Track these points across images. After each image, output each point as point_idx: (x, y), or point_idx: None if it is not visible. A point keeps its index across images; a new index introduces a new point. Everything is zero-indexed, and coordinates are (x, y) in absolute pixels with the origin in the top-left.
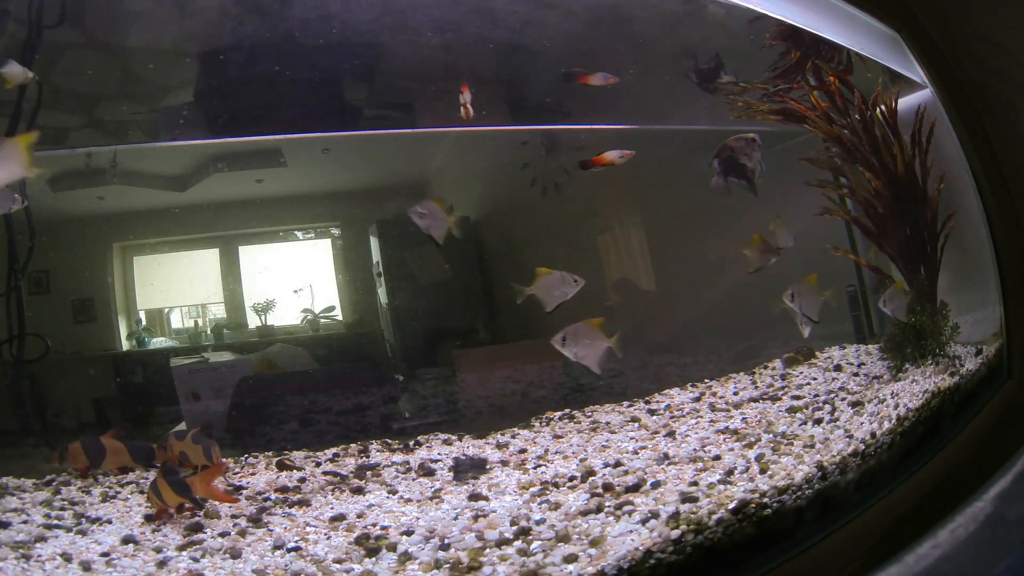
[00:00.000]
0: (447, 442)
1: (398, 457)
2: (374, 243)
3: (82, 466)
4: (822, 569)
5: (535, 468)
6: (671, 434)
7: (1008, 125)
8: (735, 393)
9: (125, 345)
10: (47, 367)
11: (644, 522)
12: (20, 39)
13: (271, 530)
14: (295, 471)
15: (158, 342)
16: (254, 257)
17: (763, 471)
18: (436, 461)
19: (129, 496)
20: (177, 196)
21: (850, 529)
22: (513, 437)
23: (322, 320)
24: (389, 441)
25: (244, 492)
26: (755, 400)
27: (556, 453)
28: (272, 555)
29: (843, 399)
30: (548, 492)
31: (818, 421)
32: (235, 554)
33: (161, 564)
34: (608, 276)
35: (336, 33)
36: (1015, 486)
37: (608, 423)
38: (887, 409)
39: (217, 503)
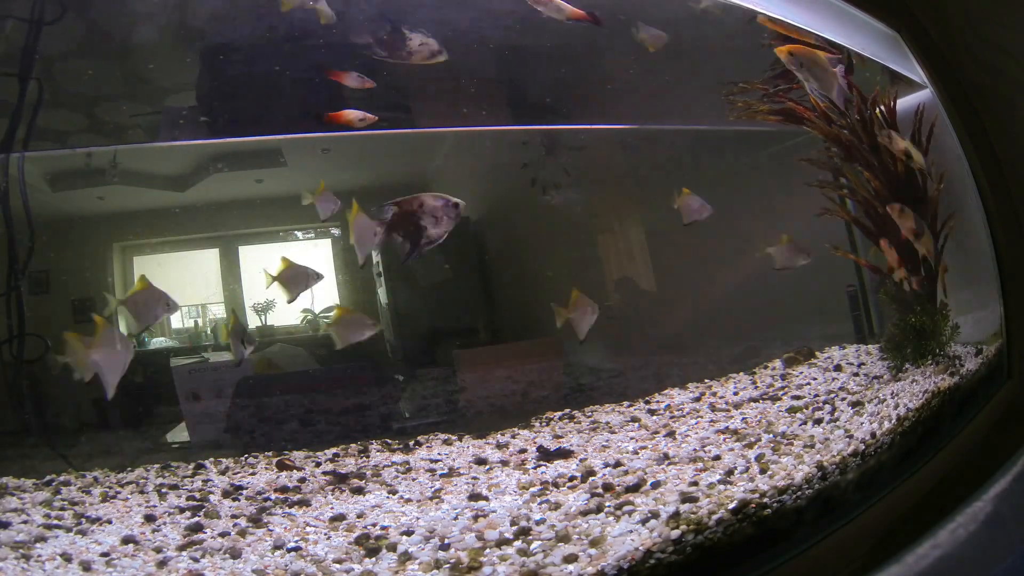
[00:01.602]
0: (447, 442)
1: (398, 457)
2: None
3: None
4: (822, 569)
5: (535, 468)
6: (671, 434)
7: (1008, 125)
8: (735, 393)
9: None
10: (47, 367)
11: (644, 522)
12: (20, 39)
13: (271, 530)
14: (295, 471)
15: (158, 342)
16: (254, 257)
17: (763, 471)
18: (436, 461)
19: (129, 496)
20: (177, 196)
21: (850, 529)
22: (513, 437)
23: (322, 320)
24: (389, 441)
25: (244, 492)
26: (755, 400)
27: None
28: (272, 555)
29: (843, 399)
30: (548, 492)
31: (818, 421)
32: (235, 554)
33: (161, 564)
34: (608, 276)
35: (336, 33)
36: (1015, 486)
37: (608, 423)
38: (887, 409)
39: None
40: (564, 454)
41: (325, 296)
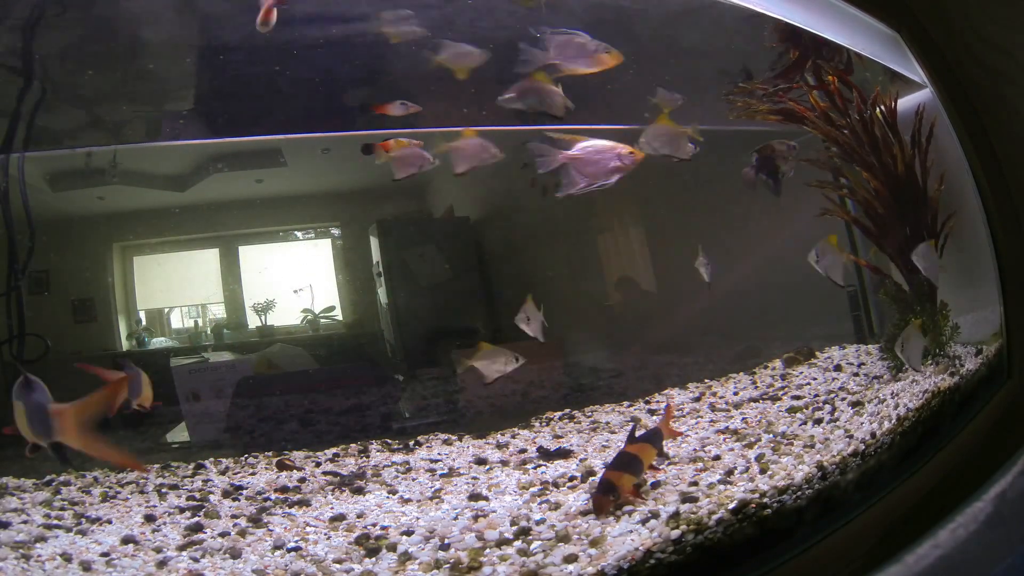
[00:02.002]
0: (447, 442)
1: (398, 457)
2: (374, 243)
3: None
4: (822, 569)
5: (535, 468)
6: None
7: (1008, 125)
8: (735, 393)
9: (125, 345)
10: (47, 367)
11: (644, 522)
12: (20, 39)
13: (271, 530)
14: (295, 471)
15: (158, 342)
16: (254, 257)
17: (763, 471)
18: (436, 461)
19: (129, 496)
20: (177, 196)
21: (850, 529)
22: (513, 437)
23: (322, 320)
24: (389, 441)
25: (244, 492)
26: (755, 400)
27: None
28: (272, 555)
29: (843, 399)
30: (548, 492)
31: (818, 421)
32: (235, 554)
33: (161, 564)
34: (608, 276)
35: (336, 33)
36: (1015, 486)
37: (608, 423)
38: (887, 409)
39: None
40: (564, 454)
41: (325, 296)
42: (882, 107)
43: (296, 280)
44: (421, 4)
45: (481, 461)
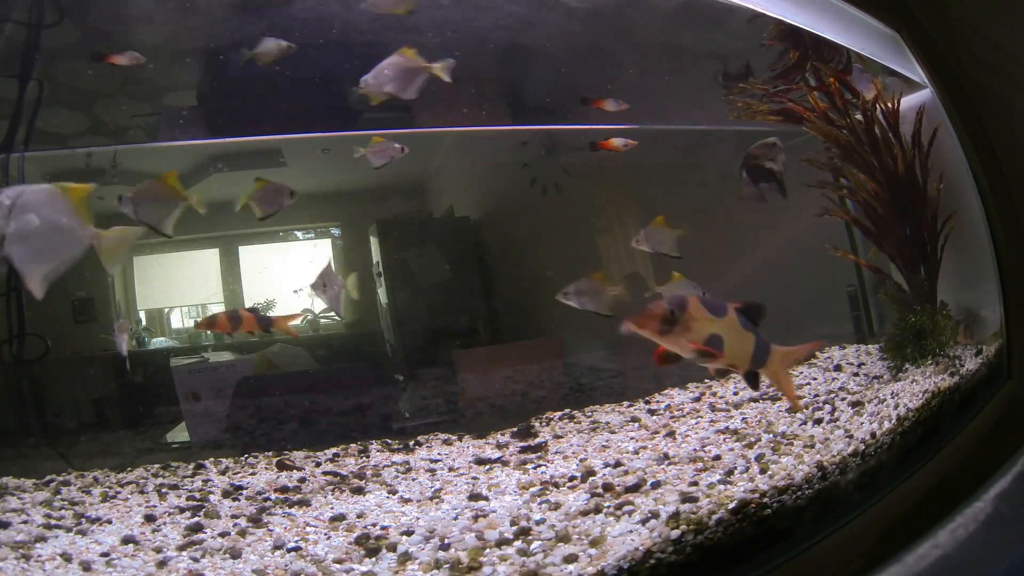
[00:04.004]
0: (447, 442)
1: (398, 457)
2: (374, 243)
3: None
4: (822, 569)
5: (535, 468)
6: (671, 434)
7: (1008, 125)
8: (735, 393)
9: None
10: (47, 367)
11: (644, 522)
12: (20, 39)
13: (271, 530)
14: (295, 471)
15: (158, 342)
16: (254, 257)
17: (763, 471)
18: (436, 461)
19: (129, 496)
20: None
21: (850, 529)
22: (513, 437)
23: (322, 320)
24: (389, 441)
25: (244, 492)
26: (755, 400)
27: (556, 453)
28: (272, 555)
29: (843, 399)
30: (548, 492)
31: (818, 421)
32: (235, 554)
33: (161, 564)
34: (608, 276)
35: (336, 33)
36: (1015, 486)
37: (608, 423)
38: (887, 409)
39: None
40: (536, 448)
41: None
42: (883, 107)
43: (296, 280)
44: (420, 4)
45: (481, 461)
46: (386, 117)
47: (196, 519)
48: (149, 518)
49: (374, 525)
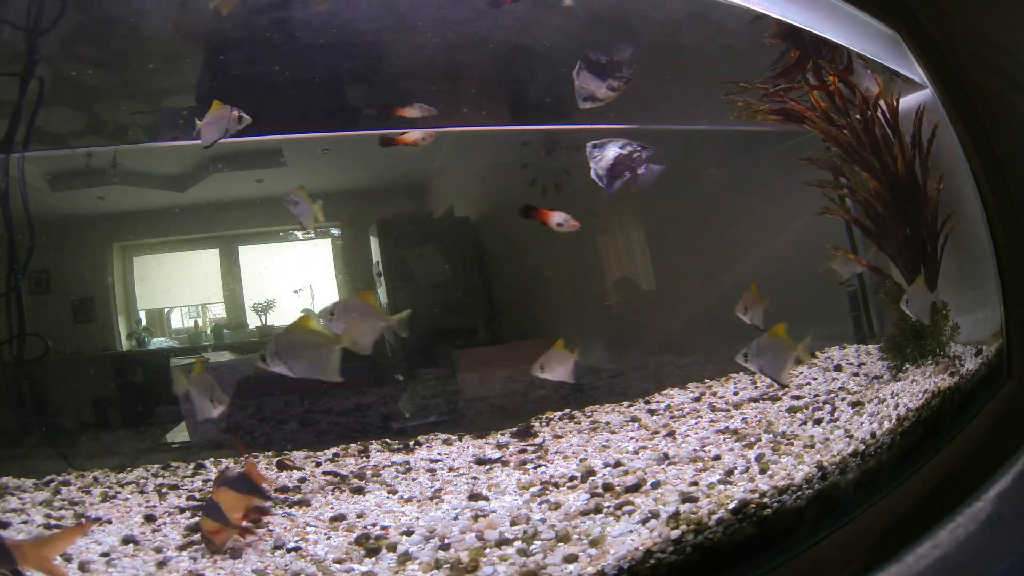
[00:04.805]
0: (447, 442)
1: (398, 457)
2: (374, 243)
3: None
4: (822, 569)
5: (535, 468)
6: (671, 434)
7: (1008, 126)
8: (735, 393)
9: (125, 345)
10: (47, 367)
11: (644, 522)
12: (20, 39)
13: (271, 530)
14: (295, 471)
15: (158, 342)
16: (254, 257)
17: (763, 471)
18: (436, 461)
19: (129, 496)
20: (177, 196)
21: (850, 529)
22: (513, 437)
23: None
24: (389, 441)
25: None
26: (755, 400)
27: (556, 453)
28: (272, 555)
29: (843, 399)
30: (548, 492)
31: (818, 421)
32: (235, 554)
33: (161, 564)
34: (608, 276)
35: (336, 33)
36: (1015, 486)
37: (608, 423)
38: (887, 409)
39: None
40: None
41: (325, 296)
42: (883, 107)
43: (296, 280)
44: (420, 4)
45: (481, 461)
46: (386, 116)
47: (196, 519)
48: (149, 518)
49: (374, 525)
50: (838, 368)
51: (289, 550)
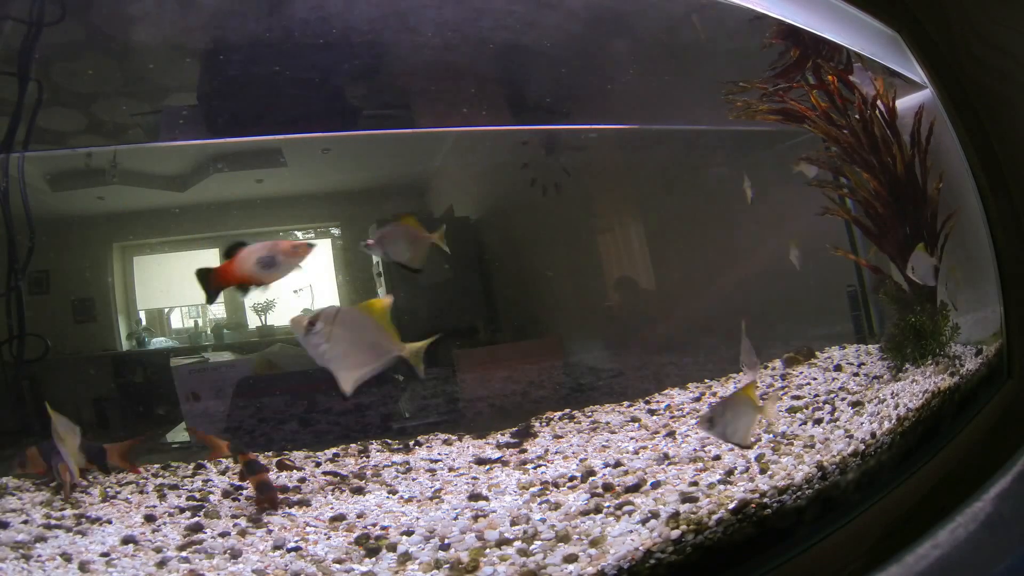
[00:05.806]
0: (447, 442)
1: (398, 457)
2: None
3: (40, 469)
4: (822, 569)
5: (535, 468)
6: (671, 434)
7: (1008, 125)
8: None
9: (125, 345)
10: (47, 367)
11: (644, 522)
12: (19, 39)
13: (271, 530)
14: (295, 471)
15: (158, 342)
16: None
17: (763, 471)
18: (436, 461)
19: (129, 496)
20: (177, 196)
21: (850, 529)
22: (513, 437)
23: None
24: (389, 441)
25: (244, 492)
26: None
27: (556, 453)
28: (272, 555)
29: (843, 399)
30: (548, 492)
31: (818, 421)
32: (235, 554)
33: (161, 564)
34: (608, 276)
35: (336, 33)
36: (1015, 486)
37: (608, 423)
38: (887, 409)
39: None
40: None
41: (325, 296)
42: (882, 107)
43: (296, 280)
44: (420, 4)
45: (481, 461)
46: (386, 116)
47: (196, 519)
48: (149, 518)
49: (374, 525)
50: (838, 368)
51: (289, 550)
